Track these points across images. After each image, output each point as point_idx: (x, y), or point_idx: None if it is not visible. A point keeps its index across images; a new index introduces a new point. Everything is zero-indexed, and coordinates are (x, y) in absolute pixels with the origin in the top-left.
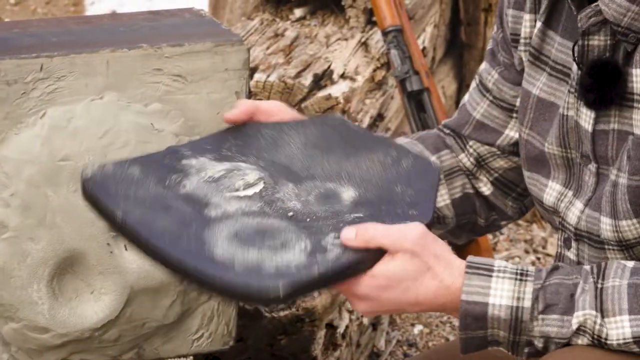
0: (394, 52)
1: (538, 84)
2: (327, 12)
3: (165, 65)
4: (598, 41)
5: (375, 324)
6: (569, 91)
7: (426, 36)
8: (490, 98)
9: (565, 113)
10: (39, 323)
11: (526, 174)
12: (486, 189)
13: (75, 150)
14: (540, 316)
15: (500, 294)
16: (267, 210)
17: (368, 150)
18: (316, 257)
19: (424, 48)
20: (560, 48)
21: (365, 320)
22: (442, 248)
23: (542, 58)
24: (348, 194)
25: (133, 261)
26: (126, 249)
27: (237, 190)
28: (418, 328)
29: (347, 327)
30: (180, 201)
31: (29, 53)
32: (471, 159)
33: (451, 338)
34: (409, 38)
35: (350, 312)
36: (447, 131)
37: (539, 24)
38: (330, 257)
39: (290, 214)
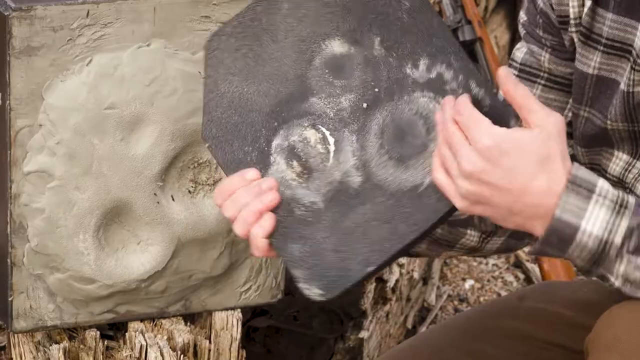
0: (445, 1)
1: (593, 63)
2: None
3: (214, 13)
4: None
5: (425, 279)
6: (632, 68)
7: None
8: (543, 82)
9: (630, 90)
10: (85, 274)
11: (583, 150)
12: None
13: (122, 98)
14: (627, 256)
15: (594, 222)
16: (356, 126)
17: (270, 23)
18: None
19: None
20: (614, 25)
21: (416, 275)
22: (566, 156)
23: (593, 37)
24: (336, 45)
25: (180, 212)
26: (173, 200)
27: (329, 152)
28: (469, 283)
29: (397, 281)
30: (336, 210)
31: None
32: None
33: (503, 293)
34: None
35: (401, 265)
36: None
37: (588, 3)
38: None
39: (365, 105)
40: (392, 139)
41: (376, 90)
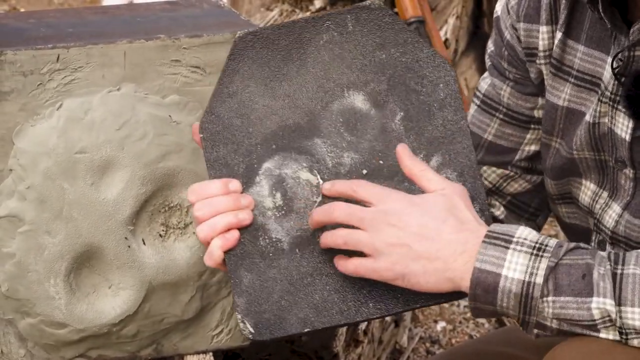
0: None
1: (563, 95)
2: (348, 2)
3: (184, 57)
4: None
5: (397, 321)
6: (599, 100)
7: (448, 28)
8: (501, 116)
9: (596, 121)
10: (56, 318)
11: (552, 182)
12: (500, 212)
13: (92, 142)
14: (551, 298)
15: (514, 267)
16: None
17: (304, 45)
18: None
19: (446, 40)
20: (585, 58)
21: (388, 317)
22: (474, 213)
23: (564, 69)
24: (358, 99)
25: (151, 256)
26: (144, 244)
27: (315, 201)
28: (441, 325)
29: (369, 323)
30: (297, 257)
31: (45, 44)
32: None
33: (475, 335)
34: (431, 29)
35: None
36: None
37: (559, 35)
38: None
39: (364, 171)
40: None
41: (381, 162)
